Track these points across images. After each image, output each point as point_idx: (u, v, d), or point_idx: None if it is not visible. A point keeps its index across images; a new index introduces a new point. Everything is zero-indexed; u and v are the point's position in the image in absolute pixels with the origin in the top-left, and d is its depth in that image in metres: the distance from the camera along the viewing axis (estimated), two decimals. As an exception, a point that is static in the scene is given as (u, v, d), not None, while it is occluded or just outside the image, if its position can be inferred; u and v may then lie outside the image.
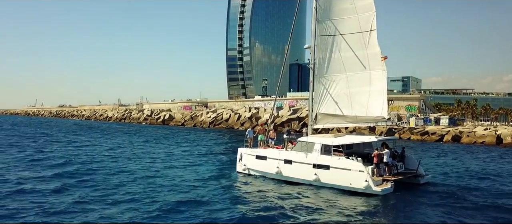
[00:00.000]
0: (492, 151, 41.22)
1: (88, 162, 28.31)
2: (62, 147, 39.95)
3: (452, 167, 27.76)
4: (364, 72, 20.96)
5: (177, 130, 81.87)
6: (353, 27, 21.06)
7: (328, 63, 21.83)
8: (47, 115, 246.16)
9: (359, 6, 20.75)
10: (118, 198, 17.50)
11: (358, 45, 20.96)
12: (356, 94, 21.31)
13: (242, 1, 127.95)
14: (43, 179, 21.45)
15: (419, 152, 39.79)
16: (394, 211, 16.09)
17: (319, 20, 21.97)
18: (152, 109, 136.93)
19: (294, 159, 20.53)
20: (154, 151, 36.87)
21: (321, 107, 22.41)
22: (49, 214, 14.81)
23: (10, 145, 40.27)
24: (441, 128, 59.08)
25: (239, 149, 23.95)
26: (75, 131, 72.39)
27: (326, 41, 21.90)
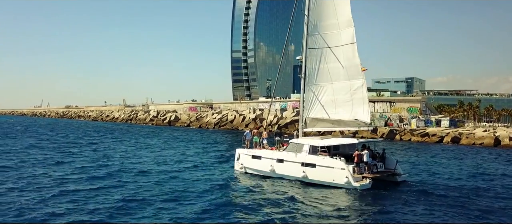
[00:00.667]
0: (487, 153, 42.57)
1: (133, 170, 27.46)
2: (99, 153, 37.97)
3: (436, 167, 29.47)
4: (347, 81, 23.29)
5: (184, 131, 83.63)
6: (337, 40, 23.44)
7: (316, 73, 24.14)
8: (54, 115, 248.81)
9: (342, 22, 23.16)
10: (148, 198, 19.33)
11: (341, 56, 23.30)
12: (341, 101, 23.60)
13: (247, 3, 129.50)
14: (104, 188, 21.03)
15: (412, 153, 41.32)
16: (369, 203, 18.14)
17: (309, 34, 24.33)
18: (158, 110, 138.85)
19: (285, 158, 22.81)
20: (170, 153, 38.75)
21: (311, 112, 24.69)
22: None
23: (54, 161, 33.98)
24: (441, 129, 60.38)
25: (237, 149, 26.28)
26: (90, 133, 74.21)
27: (315, 53, 24.25)
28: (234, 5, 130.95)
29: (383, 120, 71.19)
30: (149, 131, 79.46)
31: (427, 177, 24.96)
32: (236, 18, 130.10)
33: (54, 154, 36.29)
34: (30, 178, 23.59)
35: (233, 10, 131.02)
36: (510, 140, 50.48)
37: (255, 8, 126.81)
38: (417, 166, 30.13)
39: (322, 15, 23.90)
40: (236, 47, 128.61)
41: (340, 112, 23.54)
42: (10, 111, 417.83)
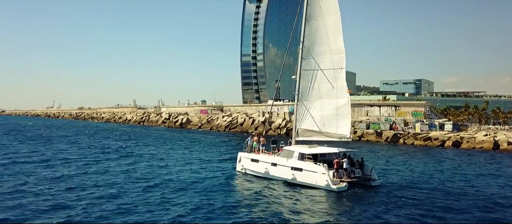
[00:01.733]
0: (481, 157, 45.00)
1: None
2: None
3: (415, 173, 32.23)
4: (334, 99, 26.90)
5: (197, 134, 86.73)
6: (328, 64, 26.97)
7: (309, 91, 27.73)
8: (67, 117, 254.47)
9: (334, 49, 26.62)
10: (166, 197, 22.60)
11: (331, 78, 26.79)
12: (328, 116, 27.29)
13: (256, 8, 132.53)
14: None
15: (404, 157, 43.92)
16: (343, 202, 21.80)
17: (303, 58, 27.87)
18: (169, 113, 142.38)
19: (278, 162, 26.51)
20: (190, 156, 42.02)
21: (302, 124, 28.39)
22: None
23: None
24: (443, 133, 62.47)
25: (239, 153, 30.13)
26: (108, 136, 77.70)
27: (308, 73, 27.86)
28: (244, 10, 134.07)
29: (388, 123, 73.40)
30: (169, 136, 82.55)
31: (401, 182, 27.86)
32: (245, 22, 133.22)
33: (125, 162, 36.54)
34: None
35: (242, 15, 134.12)
36: (508, 144, 52.66)
37: (264, 13, 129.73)
38: (399, 171, 32.85)
39: (316, 42, 27.33)
40: (245, 51, 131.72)
41: (327, 125, 27.31)
42: (24, 112, 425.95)
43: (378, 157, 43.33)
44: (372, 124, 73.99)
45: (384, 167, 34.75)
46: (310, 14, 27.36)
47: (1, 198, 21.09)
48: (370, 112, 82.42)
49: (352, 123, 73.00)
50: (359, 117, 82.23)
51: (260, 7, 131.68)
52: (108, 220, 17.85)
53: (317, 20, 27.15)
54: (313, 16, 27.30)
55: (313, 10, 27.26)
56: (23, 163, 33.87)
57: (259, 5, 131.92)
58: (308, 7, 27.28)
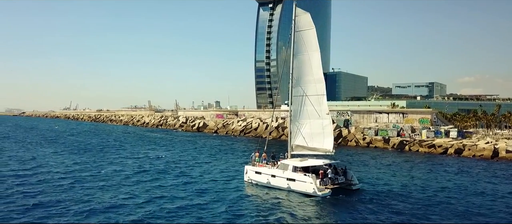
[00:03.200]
0: (476, 165, 48.65)
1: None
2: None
3: (397, 178, 36.91)
4: (319, 120, 32.53)
5: (214, 140, 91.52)
6: (313, 91, 32.69)
7: (299, 113, 33.34)
8: (87, 119, 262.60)
9: (316, 79, 32.59)
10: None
11: (316, 102, 32.28)
12: (315, 134, 32.77)
13: (270, 16, 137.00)
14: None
15: (400, 164, 47.88)
16: (326, 205, 27.08)
17: (293, 86, 33.64)
18: (186, 116, 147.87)
19: (276, 174, 31.57)
20: (210, 168, 46.96)
21: (295, 140, 33.97)
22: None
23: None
24: (447, 141, 65.83)
25: (246, 166, 35.25)
26: (138, 142, 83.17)
27: (298, 99, 33.61)
28: (258, 17, 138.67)
29: (395, 130, 76.95)
30: (191, 140, 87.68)
31: (381, 186, 32.60)
32: (259, 29, 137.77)
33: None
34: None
35: (256, 22, 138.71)
36: (507, 152, 55.97)
37: (278, 21, 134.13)
38: (382, 177, 37.68)
39: (303, 74, 33.04)
40: (259, 57, 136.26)
41: (315, 141, 32.71)
42: (43, 114, 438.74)
43: (373, 164, 47.45)
44: (380, 130, 77.60)
45: (370, 173, 39.61)
46: (297, 50, 32.98)
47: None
48: (379, 119, 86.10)
49: (361, 129, 77.37)
50: (368, 124, 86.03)
51: (273, 14, 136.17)
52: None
53: (303, 55, 32.84)
54: (300, 52, 32.97)
55: (299, 47, 32.92)
56: (113, 181, 34.58)
57: (273, 13, 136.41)
58: (295, 44, 32.83)
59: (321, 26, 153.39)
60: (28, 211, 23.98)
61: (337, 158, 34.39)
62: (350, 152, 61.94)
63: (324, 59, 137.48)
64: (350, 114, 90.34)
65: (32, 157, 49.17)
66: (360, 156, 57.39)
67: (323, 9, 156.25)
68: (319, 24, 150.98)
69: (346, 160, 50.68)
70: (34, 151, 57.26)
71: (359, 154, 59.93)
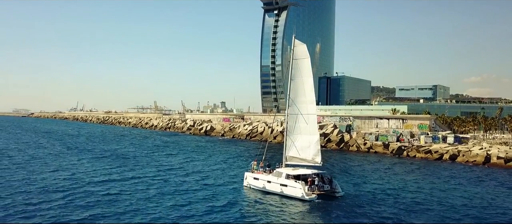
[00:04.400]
0: (464, 172, 52.05)
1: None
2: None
3: (381, 185, 40.96)
4: (310, 135, 37.55)
5: (221, 145, 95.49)
6: (305, 111, 37.61)
7: (293, 128, 38.33)
8: (95, 121, 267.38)
9: (309, 100, 37.72)
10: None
11: (308, 120, 37.21)
12: (306, 147, 37.69)
13: (275, 22, 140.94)
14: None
15: (392, 171, 51.55)
16: (312, 207, 31.80)
17: (289, 105, 38.29)
18: (194, 119, 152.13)
19: (272, 180, 36.23)
20: (219, 173, 51.20)
21: (289, 152, 38.82)
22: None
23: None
24: (443, 146, 69.17)
25: (245, 172, 39.85)
26: (157, 149, 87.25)
27: (293, 116, 38.41)
28: (263, 23, 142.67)
29: (395, 135, 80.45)
30: (202, 146, 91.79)
31: (364, 193, 36.82)
32: (265, 35, 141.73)
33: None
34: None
35: (262, 28, 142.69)
36: (498, 159, 59.40)
37: (283, 27, 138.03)
38: (369, 184, 42.00)
39: (298, 95, 38.23)
40: (265, 62, 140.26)
41: (305, 153, 37.64)
42: (51, 115, 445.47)
43: (367, 170, 51.26)
44: (380, 136, 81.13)
45: (360, 180, 44.08)
46: (294, 75, 38.22)
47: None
48: (380, 124, 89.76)
49: (362, 135, 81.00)
50: (369, 129, 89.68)
51: (278, 21, 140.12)
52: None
53: (298, 80, 38.10)
54: (296, 77, 38.18)
55: (296, 73, 38.19)
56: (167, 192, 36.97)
57: (278, 19, 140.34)
58: (292, 70, 38.17)
59: (325, 31, 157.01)
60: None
61: (324, 168, 39.63)
62: (350, 158, 65.72)
63: (328, 63, 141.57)
64: (352, 120, 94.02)
65: (77, 172, 46.81)
66: (358, 162, 61.16)
67: (327, 14, 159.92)
68: (323, 29, 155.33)
69: (343, 167, 54.58)
70: (78, 165, 52.18)
71: (358, 160, 63.70)
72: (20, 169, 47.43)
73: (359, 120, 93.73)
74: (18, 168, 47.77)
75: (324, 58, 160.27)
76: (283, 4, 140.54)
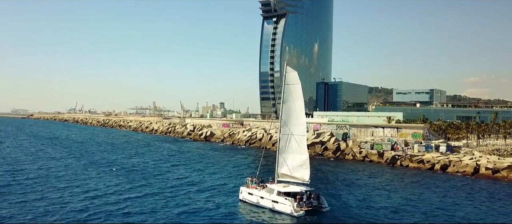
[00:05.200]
0: (453, 183, 54.86)
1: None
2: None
3: (368, 198, 44.17)
4: (301, 155, 40.61)
5: (221, 153, 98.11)
6: (296, 131, 40.80)
7: (285, 148, 41.46)
8: (95, 123, 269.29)
9: (300, 122, 40.69)
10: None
11: (298, 140, 40.35)
12: (296, 165, 40.78)
13: (274, 29, 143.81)
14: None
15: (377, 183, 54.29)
16: (300, 222, 34.87)
17: (282, 126, 41.26)
18: (194, 124, 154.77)
19: (264, 196, 39.26)
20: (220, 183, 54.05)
21: (281, 170, 41.94)
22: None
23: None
24: (435, 156, 71.78)
25: (241, 187, 42.91)
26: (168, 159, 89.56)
27: (285, 137, 41.51)
28: (262, 30, 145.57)
29: (390, 144, 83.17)
30: (204, 154, 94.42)
31: (349, 206, 40.19)
32: (264, 42, 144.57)
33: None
34: None
35: (261, 35, 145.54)
36: (486, 169, 62.06)
37: (281, 34, 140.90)
38: (354, 197, 45.13)
39: (289, 117, 41.43)
40: (264, 68, 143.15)
41: (295, 171, 40.71)
42: (51, 116, 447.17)
43: (353, 183, 54.02)
44: (376, 144, 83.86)
45: (346, 194, 46.95)
46: (286, 99, 41.50)
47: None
48: (375, 133, 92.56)
49: (358, 143, 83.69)
50: (365, 137, 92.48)
51: (277, 28, 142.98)
52: None
53: (290, 103, 41.23)
54: (288, 100, 41.39)
55: (287, 96, 41.42)
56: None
57: (276, 26, 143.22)
58: (284, 94, 41.46)
59: (323, 37, 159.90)
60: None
61: (320, 179, 44.12)
62: (345, 167, 68.47)
63: (326, 69, 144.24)
64: (348, 128, 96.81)
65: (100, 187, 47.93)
66: (351, 172, 63.91)
67: (325, 20, 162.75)
68: (321, 35, 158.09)
69: (336, 178, 57.34)
70: (90, 180, 52.44)
71: (352, 170, 66.44)
72: (36, 185, 48.39)
73: (355, 128, 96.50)
74: (35, 185, 48.22)
75: (322, 64, 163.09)
76: (282, 12, 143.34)
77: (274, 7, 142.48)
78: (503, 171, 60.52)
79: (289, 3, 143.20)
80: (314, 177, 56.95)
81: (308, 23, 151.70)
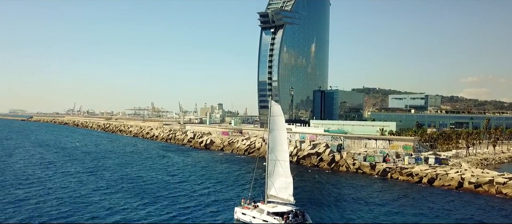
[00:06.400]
0: (437, 197, 59.47)
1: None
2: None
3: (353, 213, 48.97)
4: (286, 178, 46.12)
5: (221, 162, 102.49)
6: (282, 157, 46.48)
7: (272, 172, 46.81)
8: (96, 127, 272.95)
9: (284, 149, 46.33)
10: None
11: (284, 165, 45.57)
12: (283, 187, 46.03)
13: (272, 40, 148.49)
14: None
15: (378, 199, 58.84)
16: None
17: (269, 153, 46.43)
18: (194, 131, 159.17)
19: (255, 215, 44.03)
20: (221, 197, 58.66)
21: (270, 191, 47.19)
22: None
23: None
24: (424, 169, 76.11)
25: (235, 208, 47.51)
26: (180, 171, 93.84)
27: (272, 162, 46.99)
28: (261, 40, 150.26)
29: (382, 156, 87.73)
30: (207, 166, 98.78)
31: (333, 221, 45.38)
32: (262, 52, 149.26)
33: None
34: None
35: (259, 45, 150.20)
36: (469, 183, 66.41)
37: (279, 44, 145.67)
38: (341, 211, 50.33)
39: (275, 145, 47.07)
40: (262, 77, 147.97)
41: (282, 192, 45.99)
42: (51, 119, 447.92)
43: (342, 198, 58.63)
44: (368, 156, 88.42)
45: (332, 208, 51.90)
46: (272, 128, 47.16)
47: None
48: (368, 144, 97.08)
49: (352, 155, 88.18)
50: (358, 148, 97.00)
51: (275, 38, 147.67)
52: None
53: (276, 132, 46.80)
54: (274, 129, 47.06)
55: (273, 126, 47.05)
56: None
57: (274, 37, 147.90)
58: (271, 124, 47.06)
59: (319, 46, 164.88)
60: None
61: (306, 200, 50.06)
62: (338, 181, 73.03)
63: (322, 77, 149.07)
64: (342, 139, 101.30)
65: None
66: (343, 186, 68.51)
67: (321, 29, 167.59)
68: (318, 44, 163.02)
69: (327, 193, 61.82)
70: (110, 200, 55.11)
71: (344, 182, 71.04)
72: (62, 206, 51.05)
73: (349, 140, 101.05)
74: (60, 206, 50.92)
75: (319, 72, 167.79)
76: (279, 23, 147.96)
77: (272, 19, 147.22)
78: (485, 185, 65.08)
79: (286, 15, 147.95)
80: (308, 191, 61.82)
81: (304, 33, 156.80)
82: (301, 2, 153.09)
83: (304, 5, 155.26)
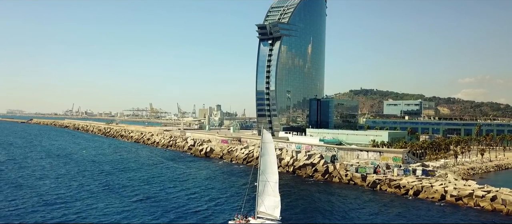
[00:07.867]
0: (420, 210, 65.11)
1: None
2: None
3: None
4: (274, 197, 52.40)
5: (221, 172, 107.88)
6: (271, 179, 52.36)
7: (263, 191, 52.87)
8: (97, 132, 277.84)
9: (274, 171, 52.66)
10: None
11: (273, 186, 51.38)
12: (272, 206, 52.42)
13: (270, 51, 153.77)
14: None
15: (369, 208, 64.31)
16: None
17: (260, 174, 52.27)
18: (194, 139, 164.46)
19: None
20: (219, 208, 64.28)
21: (260, 208, 53.30)
22: None
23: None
24: (410, 181, 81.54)
25: (229, 222, 53.52)
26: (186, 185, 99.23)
27: (263, 183, 53.11)
28: (259, 51, 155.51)
29: (373, 167, 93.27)
30: (207, 177, 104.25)
31: None
32: (260, 62, 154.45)
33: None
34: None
35: (258, 55, 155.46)
36: (451, 196, 71.85)
37: (276, 56, 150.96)
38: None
39: (266, 167, 53.29)
40: (260, 87, 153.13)
41: (270, 211, 52.07)
42: (51, 122, 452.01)
43: (331, 211, 64.17)
44: (360, 168, 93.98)
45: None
46: (263, 153, 53.38)
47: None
48: (360, 155, 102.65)
49: (345, 166, 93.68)
50: (351, 159, 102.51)
51: (272, 50, 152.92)
52: None
53: (266, 156, 53.16)
54: (264, 154, 53.28)
55: (264, 151, 53.30)
56: None
57: (272, 48, 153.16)
58: (262, 150, 53.33)
59: (316, 55, 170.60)
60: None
61: (287, 220, 56.04)
62: (330, 192, 78.53)
63: (318, 85, 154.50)
64: (336, 150, 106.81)
65: None
66: (334, 199, 74.06)
67: (318, 39, 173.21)
68: (314, 53, 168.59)
69: (316, 207, 67.28)
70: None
71: (337, 194, 76.58)
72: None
73: (342, 151, 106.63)
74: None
75: (315, 81, 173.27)
76: (277, 35, 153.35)
77: (270, 31, 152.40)
78: (465, 198, 70.63)
79: (283, 27, 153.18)
80: (300, 206, 67.06)
81: (301, 44, 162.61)
82: (298, 14, 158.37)
83: (301, 17, 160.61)
